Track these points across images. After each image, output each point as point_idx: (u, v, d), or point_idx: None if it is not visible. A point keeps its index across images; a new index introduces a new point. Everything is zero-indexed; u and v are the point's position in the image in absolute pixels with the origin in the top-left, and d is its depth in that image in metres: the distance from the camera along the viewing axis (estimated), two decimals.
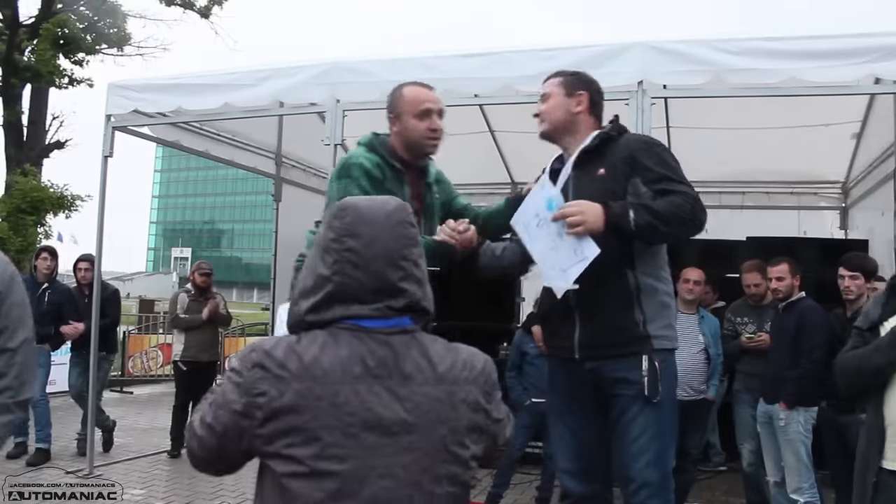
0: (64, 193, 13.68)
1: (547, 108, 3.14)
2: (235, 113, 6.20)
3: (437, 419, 1.55)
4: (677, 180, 2.80)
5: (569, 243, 2.72)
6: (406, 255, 1.61)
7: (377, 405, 1.51)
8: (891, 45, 4.31)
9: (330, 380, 1.50)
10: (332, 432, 1.48)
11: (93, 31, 16.46)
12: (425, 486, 1.53)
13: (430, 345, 1.62)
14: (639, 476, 2.76)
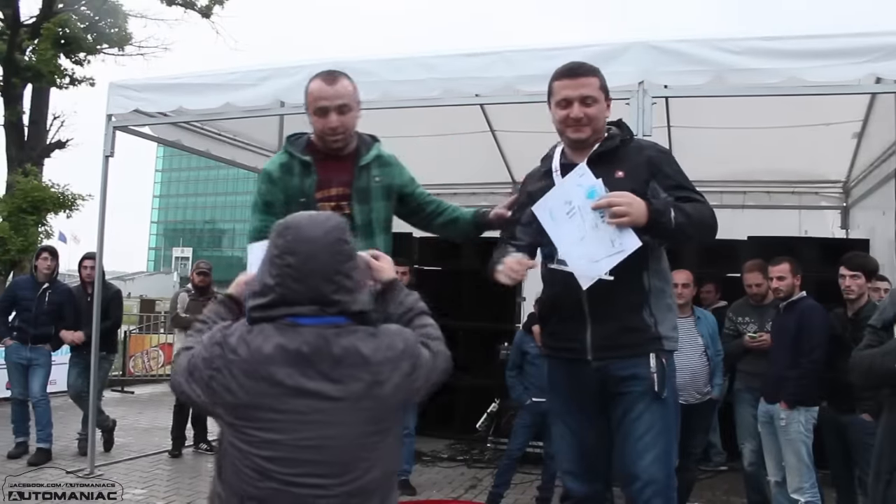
0: (65, 193, 13.69)
1: (595, 114, 2.92)
2: (236, 113, 6.20)
3: (365, 395, 1.84)
4: (693, 190, 2.87)
5: (606, 234, 2.70)
6: (339, 270, 1.88)
7: (309, 383, 1.80)
8: (891, 45, 4.30)
9: (270, 363, 1.80)
10: (271, 406, 1.79)
11: (94, 31, 16.47)
12: (353, 451, 1.83)
13: (358, 335, 1.88)
14: (644, 473, 2.75)
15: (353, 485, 1.84)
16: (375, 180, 3.31)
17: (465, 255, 8.36)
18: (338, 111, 3.20)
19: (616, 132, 3.01)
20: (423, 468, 6.84)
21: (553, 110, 3.00)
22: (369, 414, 1.86)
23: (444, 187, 9.60)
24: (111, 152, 6.31)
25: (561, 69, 2.98)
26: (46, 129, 16.14)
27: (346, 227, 1.97)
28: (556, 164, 3.01)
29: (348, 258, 1.92)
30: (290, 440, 1.80)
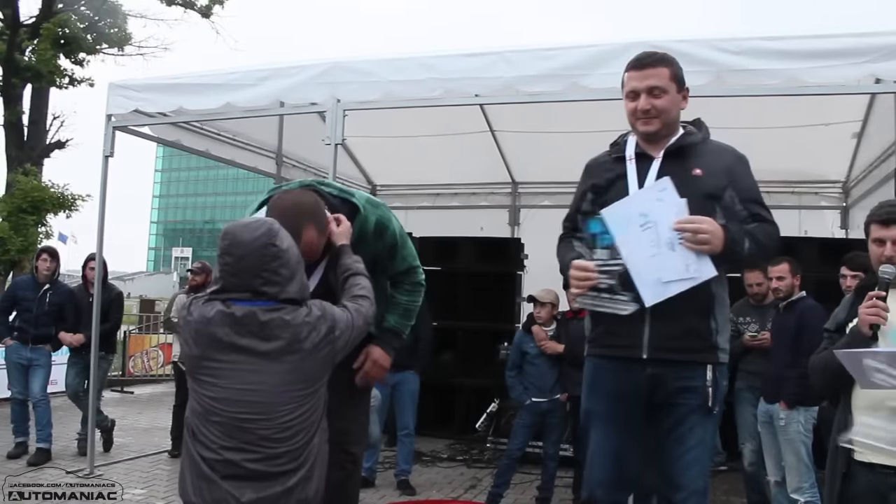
0: (64, 193, 13.68)
1: (664, 106, 2.81)
2: (236, 113, 6.20)
3: (288, 351, 2.36)
4: (764, 205, 2.84)
5: (682, 257, 2.63)
6: (266, 268, 2.37)
7: (242, 341, 2.34)
8: (891, 45, 4.31)
9: (213, 325, 2.35)
10: (213, 357, 2.36)
11: (93, 31, 16.47)
12: (275, 398, 2.35)
13: (284, 310, 2.38)
14: (692, 484, 2.75)
15: (278, 421, 2.34)
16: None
17: (465, 255, 8.37)
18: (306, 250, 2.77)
19: (694, 130, 2.93)
20: (423, 468, 6.84)
21: (624, 102, 2.94)
22: (291, 366, 2.36)
23: (444, 187, 9.62)
24: (111, 152, 6.30)
25: (631, 60, 2.92)
26: (46, 129, 16.14)
27: (275, 231, 2.41)
28: (631, 152, 2.91)
29: (274, 258, 2.38)
30: (227, 384, 2.34)
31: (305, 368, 2.40)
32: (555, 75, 5.01)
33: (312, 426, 2.46)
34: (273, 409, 2.35)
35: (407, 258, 3.22)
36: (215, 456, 2.34)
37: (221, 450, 2.33)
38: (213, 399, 2.35)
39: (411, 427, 6.19)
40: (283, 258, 2.41)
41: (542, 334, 5.63)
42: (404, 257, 3.21)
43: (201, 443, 2.37)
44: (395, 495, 5.99)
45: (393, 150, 8.54)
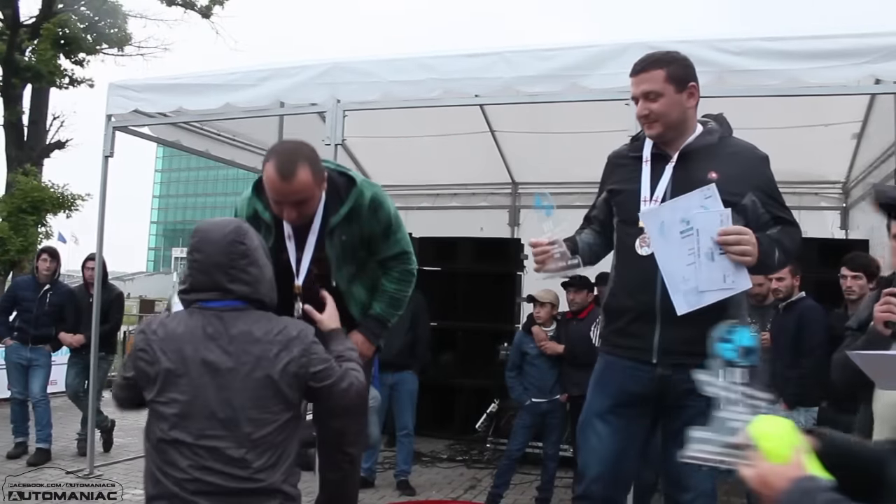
0: (64, 193, 13.68)
1: (659, 110, 2.76)
2: (236, 113, 6.20)
3: (255, 367, 2.28)
4: (786, 207, 2.82)
5: (720, 267, 2.59)
6: (234, 265, 2.36)
7: (210, 356, 2.28)
8: (891, 46, 4.31)
9: (181, 340, 2.30)
10: (180, 374, 2.27)
11: (93, 31, 16.47)
12: (246, 413, 2.25)
13: (254, 317, 2.36)
14: (700, 485, 2.75)
15: (246, 440, 2.25)
16: (342, 238, 3.01)
17: (465, 255, 8.37)
18: (295, 206, 2.84)
19: (714, 127, 2.88)
20: (423, 469, 6.85)
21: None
22: (260, 383, 2.28)
23: (444, 188, 9.62)
24: (111, 152, 6.31)
25: (633, 66, 2.86)
26: (46, 129, 16.14)
27: (244, 230, 2.43)
28: (647, 153, 2.87)
29: (242, 256, 2.38)
30: (193, 401, 2.26)
31: (272, 385, 2.29)
32: (554, 76, 5.02)
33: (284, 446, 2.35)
34: (236, 425, 2.25)
35: (400, 242, 3.15)
36: (184, 475, 2.23)
37: (191, 469, 2.24)
38: (177, 416, 2.26)
39: (410, 427, 6.18)
40: (251, 256, 2.40)
41: (542, 335, 5.63)
42: (398, 240, 3.13)
43: (169, 464, 2.26)
44: (394, 496, 5.99)
45: (393, 150, 8.53)
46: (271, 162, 2.78)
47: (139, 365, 2.32)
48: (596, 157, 3.60)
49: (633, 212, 2.85)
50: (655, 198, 2.80)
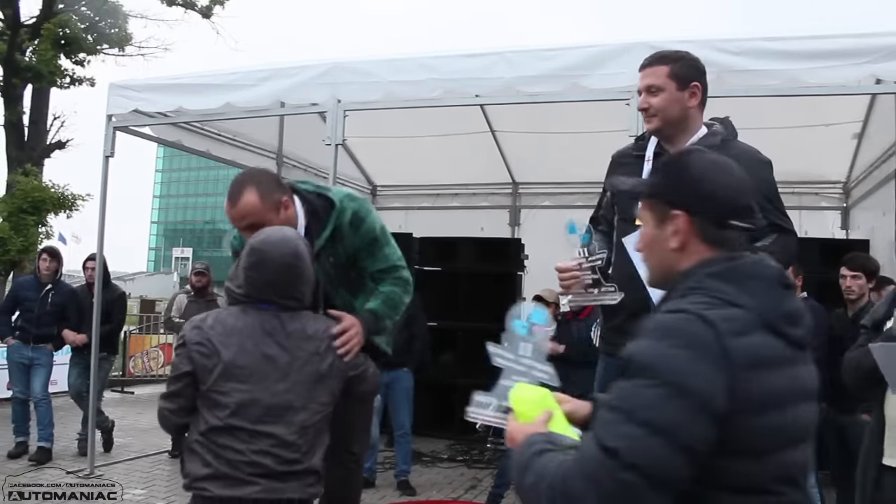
0: (65, 193, 13.68)
1: (659, 104, 2.79)
2: (236, 113, 6.20)
3: (309, 360, 2.53)
4: (784, 213, 2.82)
5: None
6: (289, 286, 2.54)
7: (269, 350, 2.48)
8: (891, 46, 4.31)
9: (241, 335, 2.48)
10: (240, 366, 2.45)
11: (94, 31, 16.47)
12: (299, 403, 2.50)
13: (305, 318, 2.60)
14: None
15: (299, 426, 2.48)
16: (330, 261, 3.02)
17: (465, 255, 8.37)
18: (248, 230, 2.80)
19: (719, 129, 2.89)
20: (423, 469, 6.85)
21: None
22: (312, 376, 2.52)
23: (445, 188, 9.63)
24: (111, 152, 6.31)
25: (642, 62, 2.89)
26: (46, 129, 16.13)
27: (300, 253, 2.55)
28: (650, 152, 2.90)
29: (296, 279, 2.56)
30: (253, 390, 2.44)
31: (324, 380, 2.56)
32: (555, 76, 5.02)
33: (322, 432, 2.61)
34: (288, 412, 2.48)
35: (390, 257, 3.10)
36: (241, 458, 2.42)
37: (249, 452, 2.43)
38: (238, 404, 2.44)
39: (407, 426, 6.18)
40: (303, 276, 2.58)
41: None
42: (386, 255, 3.09)
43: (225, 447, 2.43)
44: (395, 495, 5.99)
45: (393, 150, 8.54)
46: (227, 199, 2.84)
47: (197, 358, 2.46)
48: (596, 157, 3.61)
49: (632, 210, 2.85)
50: None
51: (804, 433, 1.56)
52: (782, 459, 1.50)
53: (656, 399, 1.40)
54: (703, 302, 1.52)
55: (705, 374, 1.41)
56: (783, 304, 1.56)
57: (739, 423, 1.42)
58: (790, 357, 1.54)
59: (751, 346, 1.47)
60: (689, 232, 1.63)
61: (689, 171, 1.67)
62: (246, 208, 2.77)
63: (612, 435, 1.40)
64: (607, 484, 1.36)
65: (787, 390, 1.51)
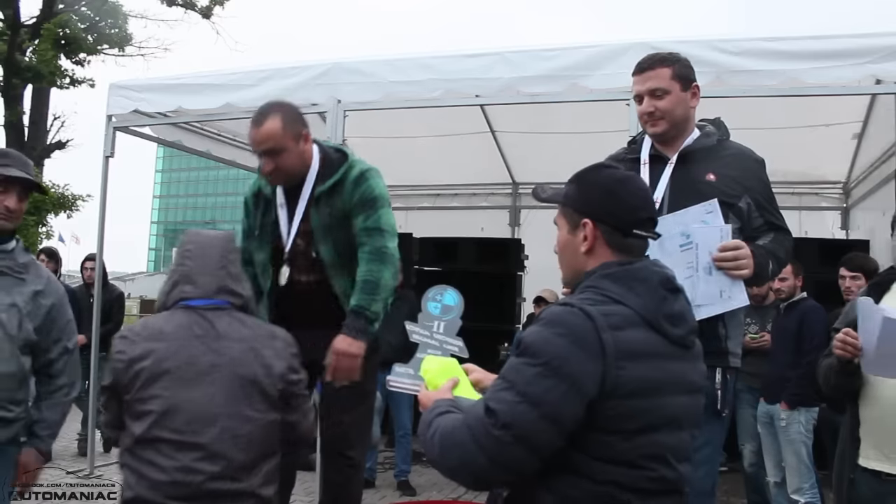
0: (65, 194, 13.70)
1: (666, 107, 2.79)
2: (236, 113, 6.19)
3: (240, 364, 2.32)
4: (779, 212, 2.83)
5: (717, 281, 2.61)
6: (229, 262, 2.46)
7: (195, 352, 2.30)
8: (892, 46, 4.31)
9: (167, 338, 2.32)
10: (164, 371, 2.26)
11: (94, 32, 16.49)
12: (230, 409, 2.27)
13: (239, 317, 2.42)
14: (698, 484, 2.73)
15: (228, 435, 2.25)
16: (326, 210, 3.08)
17: (464, 255, 8.37)
18: (267, 155, 2.98)
19: (712, 130, 2.90)
20: (423, 468, 6.84)
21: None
22: (244, 380, 2.31)
23: (445, 188, 9.63)
24: (111, 153, 6.31)
25: (636, 65, 2.88)
26: (46, 129, 16.16)
27: (232, 236, 2.51)
28: (646, 155, 2.89)
29: (235, 252, 2.50)
30: (175, 397, 2.24)
31: (259, 386, 2.35)
32: (555, 76, 5.02)
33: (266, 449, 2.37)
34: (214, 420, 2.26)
35: (380, 220, 3.06)
36: (163, 477, 2.20)
37: (172, 469, 2.20)
38: (161, 412, 2.24)
39: (408, 427, 6.18)
40: (234, 267, 2.50)
41: None
42: (378, 217, 3.05)
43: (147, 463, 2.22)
44: (395, 496, 5.99)
45: (393, 150, 8.53)
46: (251, 121, 3.01)
47: (118, 368, 2.30)
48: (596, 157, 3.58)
49: None
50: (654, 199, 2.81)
51: (678, 420, 1.77)
52: (653, 440, 1.71)
53: (534, 376, 1.65)
54: (591, 298, 1.75)
55: (579, 361, 1.64)
56: (665, 306, 1.78)
57: (609, 405, 1.65)
58: (668, 353, 1.76)
59: (626, 339, 1.69)
60: (596, 238, 1.86)
61: (599, 184, 1.90)
62: (269, 132, 2.95)
63: (496, 399, 1.66)
64: (485, 437, 1.64)
65: (659, 381, 1.73)
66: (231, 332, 2.36)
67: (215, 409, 2.25)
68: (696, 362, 1.89)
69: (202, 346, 2.31)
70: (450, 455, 1.69)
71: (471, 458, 1.65)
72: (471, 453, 1.65)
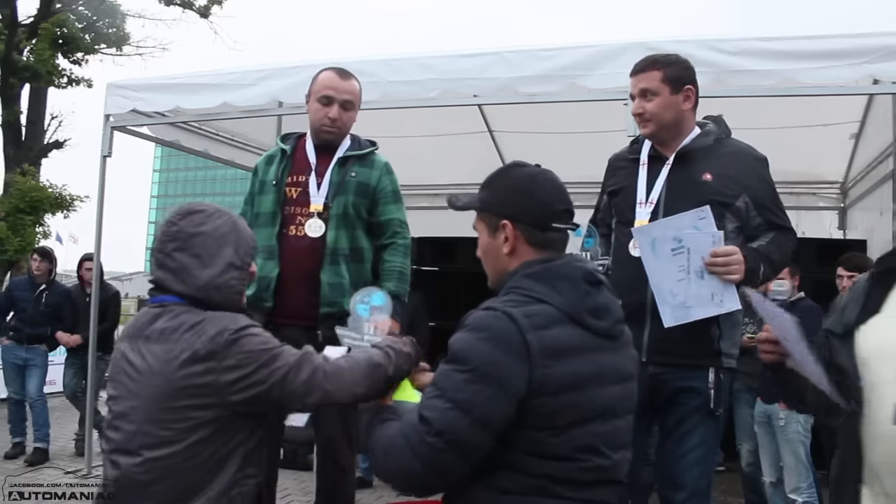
0: (62, 193, 13.67)
1: (653, 109, 2.81)
2: (234, 113, 6.19)
3: (156, 372, 1.96)
4: (781, 209, 2.82)
5: (709, 285, 2.62)
6: (162, 249, 2.09)
7: (130, 355, 2.03)
8: (889, 46, 4.31)
9: (122, 339, 2.12)
10: (114, 373, 2.07)
11: (91, 31, 16.45)
12: (144, 427, 1.94)
13: (175, 313, 2.03)
14: (693, 484, 2.75)
15: (145, 455, 1.92)
16: (351, 175, 3.35)
17: (463, 255, 8.35)
18: (341, 105, 3.31)
19: (712, 129, 2.90)
20: None
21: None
22: (159, 391, 1.94)
23: (443, 188, 9.61)
24: (109, 152, 6.29)
25: (633, 65, 2.90)
26: (44, 129, 16.10)
27: (187, 210, 2.12)
28: (645, 155, 2.91)
29: (171, 239, 2.08)
30: (114, 406, 2.05)
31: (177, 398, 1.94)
32: (553, 76, 5.01)
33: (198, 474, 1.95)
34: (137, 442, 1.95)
35: (401, 210, 3.56)
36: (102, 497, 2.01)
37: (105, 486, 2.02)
38: (112, 415, 2.06)
39: None
40: (182, 241, 2.07)
41: None
42: (399, 208, 3.54)
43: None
44: (392, 495, 5.95)
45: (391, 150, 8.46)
46: (329, 70, 3.43)
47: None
48: (595, 157, 3.61)
49: (629, 213, 2.87)
50: (651, 199, 2.82)
51: (610, 410, 1.79)
52: (585, 432, 1.74)
53: (462, 382, 1.68)
54: (514, 300, 1.78)
55: (506, 364, 1.68)
56: (588, 300, 1.80)
57: (538, 403, 1.69)
58: (595, 346, 1.78)
59: (551, 338, 1.71)
60: (517, 238, 1.89)
61: (513, 185, 1.94)
62: (353, 87, 3.45)
63: (428, 407, 1.71)
64: (419, 444, 1.67)
65: (588, 375, 1.75)
66: (157, 330, 2.03)
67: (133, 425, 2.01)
68: (626, 351, 1.92)
69: (132, 350, 2.08)
70: (388, 463, 1.74)
71: (407, 464, 1.69)
72: (407, 460, 1.68)
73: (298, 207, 3.32)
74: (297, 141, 3.48)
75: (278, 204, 3.34)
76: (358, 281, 3.28)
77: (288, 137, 3.55)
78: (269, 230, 3.31)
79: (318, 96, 3.33)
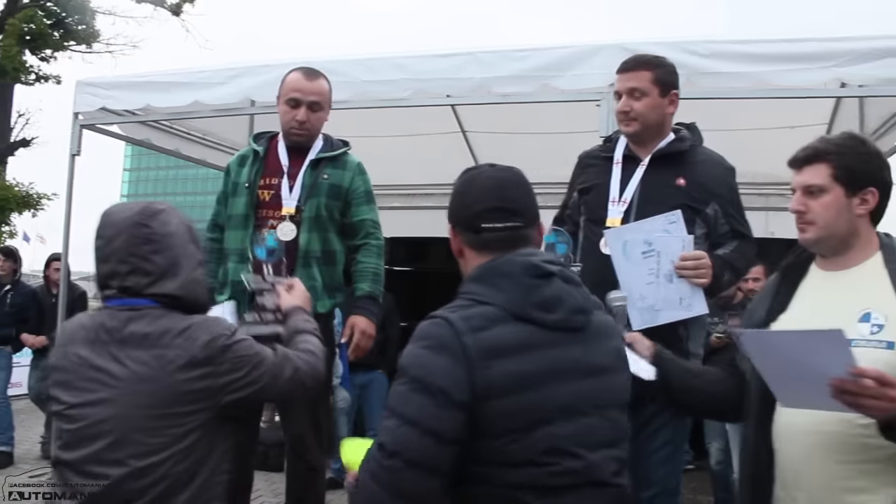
0: (29, 192, 13.46)
1: (641, 109, 2.83)
2: (206, 111, 6.12)
3: (145, 377, 1.93)
4: (745, 220, 2.91)
5: (678, 289, 2.65)
6: (134, 253, 2.01)
7: (98, 361, 1.96)
8: (856, 50, 4.37)
9: (75, 343, 2.02)
10: (68, 382, 1.99)
11: (60, 28, 16.24)
12: (132, 435, 1.89)
13: (155, 316, 2.00)
14: (662, 481, 2.78)
15: (132, 465, 1.89)
16: (324, 177, 3.37)
17: (435, 255, 8.36)
18: (308, 107, 3.31)
19: (686, 135, 2.93)
20: None
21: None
22: (151, 397, 1.92)
23: (416, 188, 9.60)
24: (78, 151, 6.19)
25: (621, 63, 2.92)
26: (10, 126, 15.86)
27: (153, 211, 2.07)
28: (619, 154, 2.93)
29: (146, 241, 2.02)
30: (79, 416, 1.96)
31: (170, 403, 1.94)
32: (526, 76, 5.02)
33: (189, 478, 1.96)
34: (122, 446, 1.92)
35: (374, 211, 3.57)
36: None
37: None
38: (68, 434, 1.99)
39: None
40: (157, 243, 2.03)
41: None
42: (372, 209, 3.58)
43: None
44: None
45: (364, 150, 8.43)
46: (296, 71, 3.44)
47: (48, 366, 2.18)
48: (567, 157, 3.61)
49: (600, 211, 2.88)
50: (624, 199, 2.85)
51: (575, 408, 1.70)
52: (547, 434, 1.65)
53: (406, 395, 1.65)
54: (456, 305, 1.77)
55: (444, 369, 1.62)
56: (533, 294, 1.71)
57: (488, 407, 1.62)
58: (547, 341, 1.69)
59: (490, 338, 1.65)
60: (460, 243, 1.91)
61: (454, 190, 1.90)
62: (321, 88, 3.47)
63: (383, 430, 1.66)
64: (379, 472, 1.61)
65: (539, 373, 1.66)
66: (138, 335, 2.02)
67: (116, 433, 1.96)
68: (595, 342, 1.79)
69: (106, 355, 2.02)
70: (358, 499, 1.69)
71: (374, 496, 1.62)
72: (373, 492, 1.62)
73: (270, 210, 3.33)
74: (269, 142, 3.47)
75: (251, 207, 3.34)
76: (330, 283, 3.30)
77: (260, 137, 3.54)
78: (241, 233, 3.31)
79: (285, 98, 3.35)
